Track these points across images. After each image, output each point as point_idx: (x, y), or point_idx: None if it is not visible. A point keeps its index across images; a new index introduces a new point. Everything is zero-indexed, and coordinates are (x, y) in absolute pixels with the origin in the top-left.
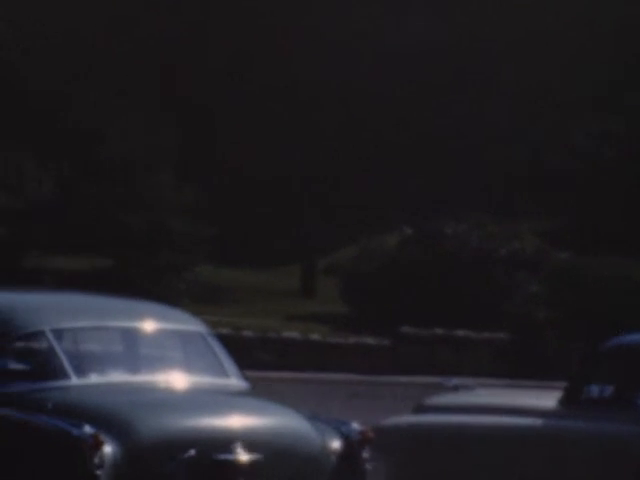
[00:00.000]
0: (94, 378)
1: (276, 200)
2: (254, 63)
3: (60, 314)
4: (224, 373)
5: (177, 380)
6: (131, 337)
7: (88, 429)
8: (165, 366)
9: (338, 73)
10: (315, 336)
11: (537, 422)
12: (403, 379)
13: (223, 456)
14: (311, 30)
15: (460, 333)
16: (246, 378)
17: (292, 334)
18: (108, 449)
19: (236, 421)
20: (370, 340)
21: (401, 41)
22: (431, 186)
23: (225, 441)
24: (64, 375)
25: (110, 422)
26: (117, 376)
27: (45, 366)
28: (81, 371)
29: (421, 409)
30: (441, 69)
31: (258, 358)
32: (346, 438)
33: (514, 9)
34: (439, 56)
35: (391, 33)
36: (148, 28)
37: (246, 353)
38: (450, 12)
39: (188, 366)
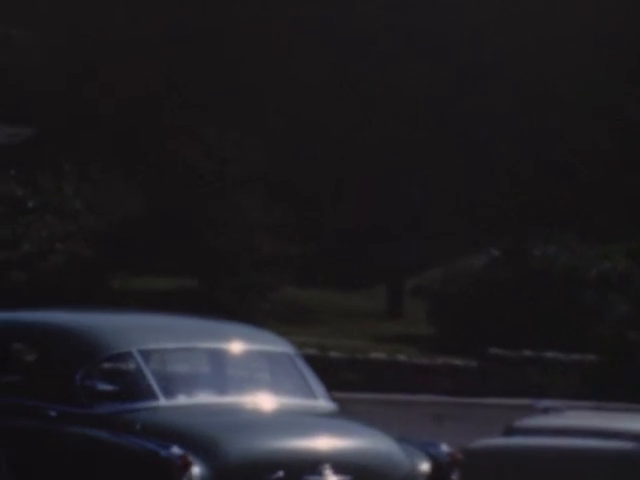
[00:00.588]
0: (182, 399)
1: (363, 220)
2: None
3: (148, 335)
4: (311, 394)
5: (264, 401)
6: (218, 358)
7: (176, 450)
8: (252, 387)
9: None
10: (402, 357)
11: (630, 445)
12: (491, 401)
13: (311, 478)
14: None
15: (549, 355)
16: (333, 399)
17: (379, 355)
18: (196, 470)
19: (324, 443)
20: (457, 361)
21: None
22: (518, 208)
23: (313, 463)
24: (152, 396)
25: (198, 443)
26: (205, 397)
27: (133, 387)
28: (169, 392)
29: (511, 431)
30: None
31: (345, 379)
32: (435, 460)
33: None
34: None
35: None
36: (234, 47)
37: (333, 374)
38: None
39: (275, 387)
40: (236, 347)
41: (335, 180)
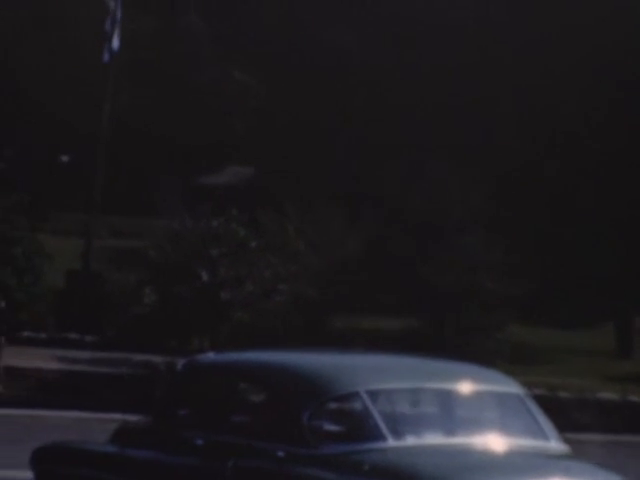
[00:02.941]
0: (410, 440)
1: (581, 256)
2: None
3: (374, 375)
4: (542, 435)
5: (495, 442)
6: (446, 398)
7: None
8: (482, 428)
9: None
10: (634, 397)
11: None
12: None
13: None
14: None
15: None
16: (564, 440)
17: (610, 395)
18: None
19: None
20: None
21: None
22: None
23: None
24: (380, 437)
25: None
26: (433, 438)
27: (360, 427)
28: (397, 433)
29: None
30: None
31: (575, 419)
32: None
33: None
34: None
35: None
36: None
37: (562, 414)
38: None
39: (506, 428)
40: (464, 387)
41: (555, 219)
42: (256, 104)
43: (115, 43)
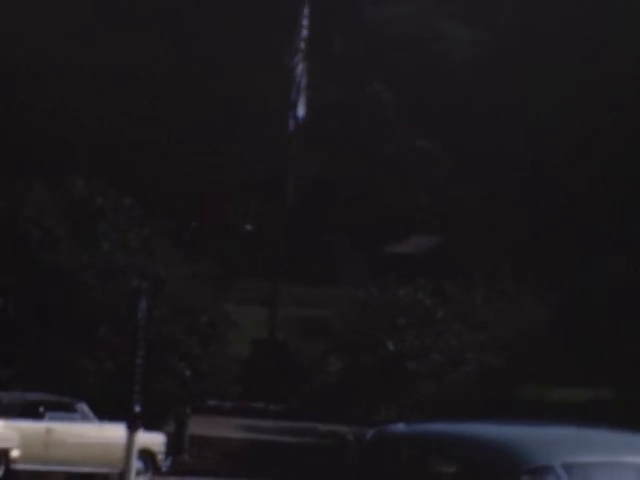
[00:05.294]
0: None
1: None
2: None
3: (569, 448)
4: None
5: None
6: None
7: None
8: None
9: None
10: None
11: None
12: None
13: None
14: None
15: None
16: None
17: None
18: None
19: None
20: None
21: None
22: None
23: None
24: None
25: None
26: None
27: None
28: None
29: None
30: None
31: None
32: None
33: None
34: None
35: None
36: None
37: None
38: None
39: None
40: None
41: None
42: (441, 173)
43: (300, 111)
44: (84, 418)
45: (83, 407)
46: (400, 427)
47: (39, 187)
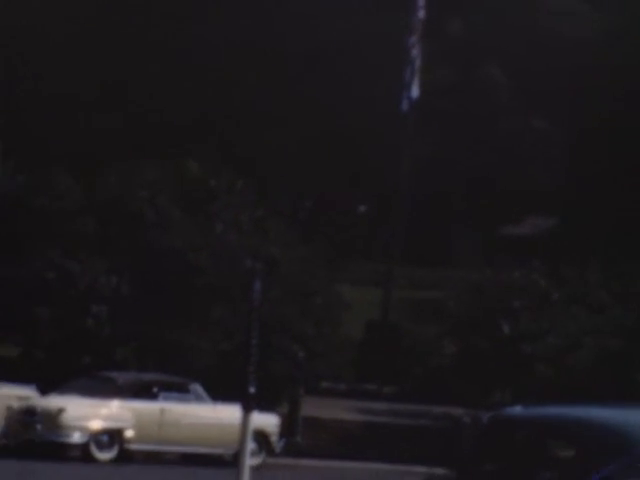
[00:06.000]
0: None
1: None
2: None
3: None
4: None
5: None
6: None
7: None
8: None
9: None
10: None
11: None
12: None
13: None
14: None
15: None
16: None
17: None
18: None
19: None
20: None
21: None
22: None
23: None
24: None
25: None
26: None
27: None
28: None
29: None
30: None
31: None
32: None
33: None
34: None
35: None
36: None
37: None
38: None
39: None
40: None
41: None
42: (558, 153)
43: (414, 92)
44: (198, 399)
45: (197, 388)
46: (517, 410)
47: (153, 169)
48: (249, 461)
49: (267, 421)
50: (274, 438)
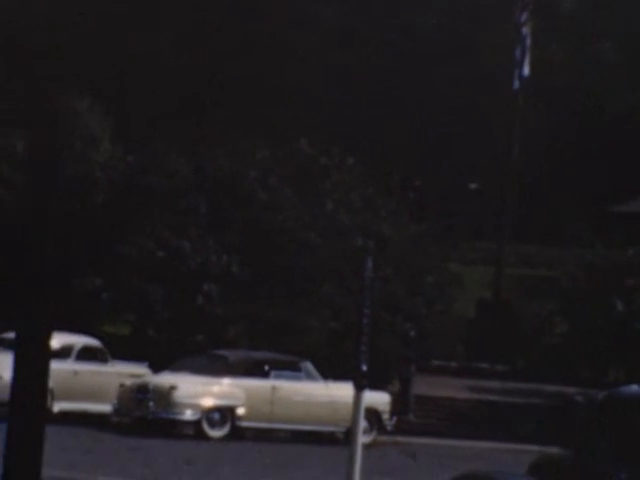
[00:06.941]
0: None
1: None
2: None
3: None
4: None
5: None
6: None
7: None
8: None
9: None
10: None
11: None
12: None
13: None
14: None
15: None
16: None
17: None
18: None
19: None
20: None
21: None
22: None
23: None
24: None
25: None
26: None
27: None
28: None
29: None
30: None
31: None
32: None
33: None
34: None
35: None
36: None
37: None
38: None
39: None
40: None
41: None
42: None
43: (525, 70)
44: (309, 377)
45: (308, 366)
46: (633, 389)
47: (263, 148)
48: (361, 439)
49: (379, 399)
50: (385, 416)
